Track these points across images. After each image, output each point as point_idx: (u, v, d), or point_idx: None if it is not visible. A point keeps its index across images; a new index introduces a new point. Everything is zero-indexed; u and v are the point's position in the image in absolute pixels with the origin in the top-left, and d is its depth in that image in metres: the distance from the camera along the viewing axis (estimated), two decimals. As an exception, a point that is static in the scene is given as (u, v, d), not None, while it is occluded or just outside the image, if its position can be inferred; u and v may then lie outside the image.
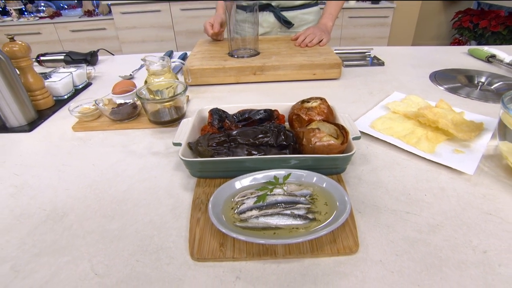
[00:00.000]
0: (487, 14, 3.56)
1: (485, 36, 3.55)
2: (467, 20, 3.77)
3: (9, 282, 0.38)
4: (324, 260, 0.38)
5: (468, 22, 3.76)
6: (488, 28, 3.45)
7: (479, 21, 3.59)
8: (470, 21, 3.74)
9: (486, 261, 0.37)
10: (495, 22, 3.37)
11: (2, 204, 0.50)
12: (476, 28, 3.64)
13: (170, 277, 0.37)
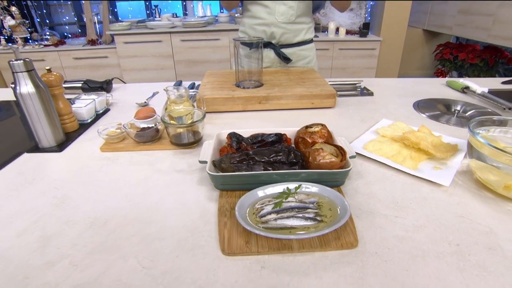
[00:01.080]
0: (465, 48, 3.84)
1: (465, 67, 3.80)
2: (448, 53, 4.05)
3: (70, 274, 0.45)
4: (331, 253, 0.47)
5: (448, 54, 4.04)
6: (466, 60, 3.71)
7: (458, 54, 3.87)
8: (450, 53, 4.01)
9: (459, 252, 0.46)
10: (472, 55, 3.64)
11: (50, 213, 0.58)
12: (456, 59, 3.90)
13: (207, 268, 0.45)
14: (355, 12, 3.44)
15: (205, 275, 0.44)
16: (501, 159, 0.56)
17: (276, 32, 1.25)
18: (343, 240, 0.48)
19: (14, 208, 0.60)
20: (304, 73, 1.23)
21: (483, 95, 1.13)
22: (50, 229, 0.54)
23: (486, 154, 0.59)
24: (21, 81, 0.76)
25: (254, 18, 1.26)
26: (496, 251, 0.47)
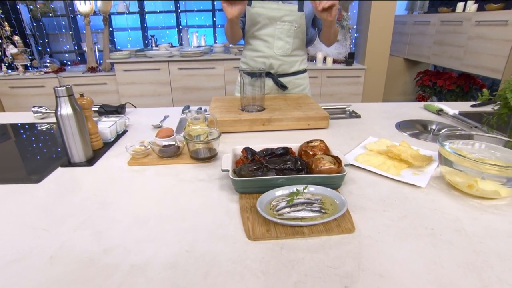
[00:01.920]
0: (442, 75, 4.15)
1: (443, 93, 4.09)
2: (427, 79, 4.35)
3: (126, 257, 0.56)
4: (334, 237, 0.59)
5: (428, 81, 4.34)
6: (444, 86, 4.01)
7: (437, 80, 4.17)
8: (430, 80, 4.32)
9: (433, 234, 0.60)
10: (449, 82, 3.94)
11: (95, 214, 0.69)
12: (435, 86, 4.20)
13: (238, 249, 0.57)
14: (341, 43, 3.72)
15: (237, 254, 0.56)
16: (464, 164, 0.71)
17: (274, 63, 1.42)
18: (343, 227, 0.60)
19: (64, 211, 0.70)
20: (300, 98, 1.39)
21: (454, 116, 1.30)
22: (100, 226, 0.65)
23: (453, 161, 0.73)
24: (62, 104, 0.88)
25: (255, 51, 1.43)
26: (460, 232, 0.60)
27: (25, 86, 3.53)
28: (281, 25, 1.35)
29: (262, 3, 1.32)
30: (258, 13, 1.34)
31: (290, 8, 1.33)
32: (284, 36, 1.37)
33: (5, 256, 0.56)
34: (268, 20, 1.34)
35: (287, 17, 1.34)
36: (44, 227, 0.64)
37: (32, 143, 1.14)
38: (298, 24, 1.36)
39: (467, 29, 3.40)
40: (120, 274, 0.52)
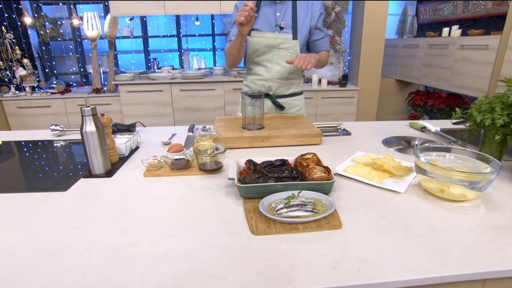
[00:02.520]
0: (432, 95, 4.34)
1: (434, 112, 4.27)
2: (418, 99, 4.54)
3: (150, 249, 0.67)
4: (324, 231, 0.71)
5: (419, 100, 4.53)
6: (434, 106, 4.19)
7: (427, 100, 4.36)
8: (421, 100, 4.50)
9: (407, 229, 0.71)
10: (439, 101, 4.12)
11: (119, 217, 0.80)
12: (426, 105, 4.38)
13: (244, 242, 0.68)
14: (335, 66, 3.92)
15: (243, 246, 0.67)
16: (436, 172, 0.83)
17: (272, 85, 1.56)
18: (332, 224, 0.72)
19: (90, 214, 0.81)
20: (296, 118, 1.53)
21: (436, 133, 1.44)
22: (124, 225, 0.76)
23: (427, 170, 0.86)
24: (87, 122, 1.01)
25: (256, 75, 1.58)
26: (431, 227, 0.72)
27: (32, 106, 3.67)
28: (278, 52, 1.51)
29: (261, 34, 1.48)
30: (257, 42, 1.49)
31: (286, 37, 1.49)
32: (281, 61, 1.52)
33: (48, 247, 0.67)
34: (267, 48, 1.50)
35: (283, 44, 1.49)
36: (77, 226, 0.75)
37: (53, 158, 1.26)
38: (293, 50, 1.51)
39: (453, 52, 3.61)
40: (147, 261, 0.63)
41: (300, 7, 1.49)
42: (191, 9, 3.40)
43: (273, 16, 1.49)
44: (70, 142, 1.45)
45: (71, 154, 1.32)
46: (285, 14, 1.49)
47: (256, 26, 1.49)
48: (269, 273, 0.59)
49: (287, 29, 1.49)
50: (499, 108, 0.99)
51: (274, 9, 1.49)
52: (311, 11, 1.50)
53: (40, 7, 4.09)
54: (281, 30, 1.49)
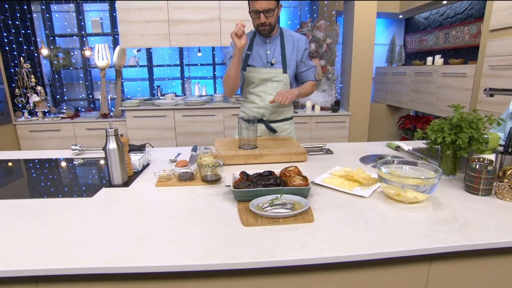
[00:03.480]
0: (421, 119, 4.59)
1: (422, 136, 4.48)
2: (408, 123, 4.79)
3: (164, 236, 0.86)
4: (300, 224, 0.90)
5: (409, 124, 4.78)
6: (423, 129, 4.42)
7: (416, 124, 4.60)
8: (410, 124, 4.75)
9: (366, 222, 0.91)
10: (427, 125, 4.35)
11: (138, 215, 1.00)
12: (415, 129, 4.62)
13: (237, 230, 0.87)
14: (327, 92, 4.19)
15: (236, 233, 0.86)
16: (392, 179, 1.04)
17: (265, 112, 1.80)
18: (306, 218, 0.92)
19: (114, 213, 1.01)
20: (285, 139, 1.75)
21: (408, 151, 1.66)
22: (143, 220, 0.96)
23: (386, 178, 1.06)
24: (110, 141, 1.22)
25: (251, 103, 1.82)
26: (385, 222, 0.92)
27: (43, 130, 3.91)
28: (271, 84, 1.75)
29: (255, 69, 1.74)
30: (252, 76, 1.74)
31: (277, 71, 1.74)
32: (273, 92, 1.76)
33: (85, 235, 0.87)
34: (261, 81, 1.75)
35: (275, 78, 1.74)
36: (105, 221, 0.95)
37: (76, 172, 1.47)
38: (284, 82, 1.76)
39: (436, 79, 3.90)
40: (163, 243, 0.82)
41: (287, 44, 1.76)
42: (194, 42, 3.72)
43: (264, 54, 1.75)
44: (88, 160, 1.66)
45: (91, 169, 1.53)
46: (274, 51, 1.75)
47: (250, 62, 1.74)
48: (255, 251, 0.78)
49: (277, 65, 1.74)
50: (447, 128, 1.21)
51: (265, 48, 1.76)
52: (297, 47, 1.76)
53: (54, 39, 4.43)
54: (272, 66, 1.75)
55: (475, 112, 1.26)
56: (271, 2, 1.60)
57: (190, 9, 3.59)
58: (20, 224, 0.95)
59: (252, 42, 1.77)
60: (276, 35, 1.77)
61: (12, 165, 1.61)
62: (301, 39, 1.79)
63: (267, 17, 1.63)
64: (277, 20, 1.73)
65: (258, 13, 1.62)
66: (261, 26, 1.67)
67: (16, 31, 4.13)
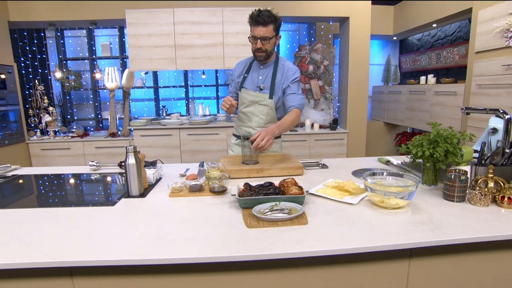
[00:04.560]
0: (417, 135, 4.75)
1: (419, 152, 4.63)
2: (405, 140, 4.95)
3: (179, 236, 1.01)
4: (296, 226, 1.05)
5: (405, 141, 4.93)
6: (419, 146, 4.56)
7: (413, 141, 4.74)
8: (407, 140, 4.91)
9: (352, 225, 1.06)
10: (422, 142, 4.51)
11: (156, 221, 1.15)
12: (410, 146, 4.76)
13: (242, 231, 1.02)
14: (326, 111, 4.39)
15: (241, 233, 1.01)
16: (377, 188, 1.20)
17: (252, 131, 1.95)
18: (301, 221, 1.07)
19: (135, 218, 1.17)
20: (284, 155, 1.91)
21: (397, 165, 1.81)
22: (160, 224, 1.11)
23: (371, 187, 1.22)
24: (129, 157, 1.39)
25: (241, 122, 2.02)
26: (368, 224, 1.07)
27: (54, 148, 4.10)
28: (258, 107, 1.94)
29: (247, 91, 1.94)
30: (244, 97, 1.94)
31: (264, 96, 1.91)
32: (260, 114, 1.94)
33: (110, 235, 1.02)
34: (250, 102, 1.94)
35: (262, 102, 1.92)
36: (127, 225, 1.11)
37: (95, 185, 1.63)
38: (269, 107, 1.93)
39: (429, 98, 4.09)
40: (179, 242, 0.97)
41: (279, 72, 1.92)
42: (199, 65, 3.95)
43: (257, 78, 1.94)
44: (105, 174, 1.82)
45: (109, 183, 1.69)
46: (266, 77, 1.93)
47: (245, 84, 1.95)
48: (257, 246, 0.93)
49: (266, 90, 1.92)
50: (426, 143, 1.37)
51: (258, 73, 1.95)
52: (286, 76, 1.91)
53: (66, 62, 4.69)
54: (261, 90, 1.93)
55: (451, 128, 1.43)
56: (268, 31, 1.78)
57: (195, 35, 3.85)
58: (54, 226, 1.11)
59: (250, 66, 1.98)
60: (271, 62, 1.94)
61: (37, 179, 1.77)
62: (291, 69, 1.92)
63: (263, 44, 1.81)
64: (274, 48, 1.91)
65: (256, 38, 1.80)
66: (257, 51, 1.85)
67: (33, 55, 4.39)
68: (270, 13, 1.77)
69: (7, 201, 1.42)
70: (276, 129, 1.74)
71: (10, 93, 3.89)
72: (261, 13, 1.75)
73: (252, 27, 1.81)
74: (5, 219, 1.19)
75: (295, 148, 4.09)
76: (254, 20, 1.77)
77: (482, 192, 1.21)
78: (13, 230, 1.08)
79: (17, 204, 1.39)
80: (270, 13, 1.77)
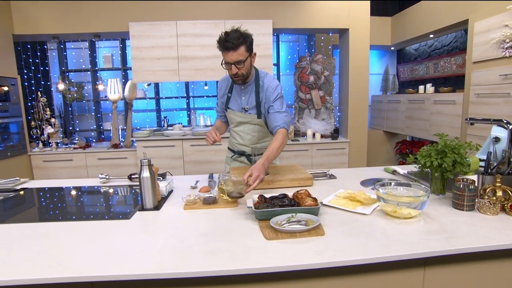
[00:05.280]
0: (416, 144, 4.81)
1: (419, 160, 4.67)
2: (405, 148, 4.99)
3: (200, 249, 1.03)
4: (313, 237, 1.08)
5: (405, 149, 4.98)
6: (418, 155, 4.62)
7: (413, 149, 4.81)
8: (407, 149, 4.96)
9: (368, 235, 1.09)
10: (422, 150, 4.56)
11: (175, 233, 1.17)
12: (412, 153, 4.81)
13: (261, 243, 1.05)
14: (327, 121, 4.44)
15: (262, 245, 1.04)
16: (389, 198, 1.23)
17: (246, 149, 1.97)
18: (318, 232, 1.10)
19: (153, 232, 1.19)
20: (293, 167, 1.94)
21: (403, 175, 1.85)
22: (180, 237, 1.13)
23: (383, 198, 1.25)
24: (144, 170, 1.41)
25: (234, 139, 2.02)
26: (383, 234, 1.10)
27: (56, 160, 4.09)
28: (248, 126, 1.92)
29: (233, 112, 1.91)
30: (232, 117, 1.93)
31: (252, 117, 1.88)
32: (251, 132, 1.93)
33: (133, 249, 1.04)
34: (238, 122, 1.93)
35: (251, 122, 1.90)
36: (147, 238, 1.12)
37: (107, 198, 1.64)
38: (260, 125, 1.91)
39: (429, 107, 4.15)
40: (201, 255, 0.99)
41: (261, 91, 1.82)
42: (201, 77, 4.00)
43: (240, 100, 1.88)
44: (115, 187, 1.84)
45: (120, 196, 1.71)
46: (249, 98, 1.86)
47: (229, 105, 1.93)
48: (279, 258, 0.96)
49: (252, 110, 1.87)
50: (434, 153, 1.41)
51: (240, 94, 1.88)
52: (266, 96, 1.81)
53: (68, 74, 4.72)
54: (246, 111, 1.88)
55: (457, 139, 1.47)
56: (240, 54, 1.64)
57: (198, 47, 3.90)
58: (74, 240, 1.12)
59: (233, 85, 1.89)
60: (251, 82, 1.84)
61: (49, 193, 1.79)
62: (270, 87, 1.80)
63: (238, 68, 1.67)
64: (251, 68, 1.78)
65: (230, 64, 1.67)
66: (234, 76, 1.74)
67: (35, 67, 4.43)
68: (238, 33, 1.63)
69: (23, 216, 1.43)
70: (266, 162, 1.59)
71: (13, 104, 3.90)
72: (228, 36, 1.61)
73: (222, 53, 1.67)
74: (25, 234, 1.20)
75: (297, 158, 4.12)
76: (222, 46, 1.64)
77: (491, 201, 1.25)
78: (34, 245, 1.10)
79: (33, 218, 1.40)
80: (239, 34, 1.63)
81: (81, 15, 3.90)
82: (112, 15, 3.92)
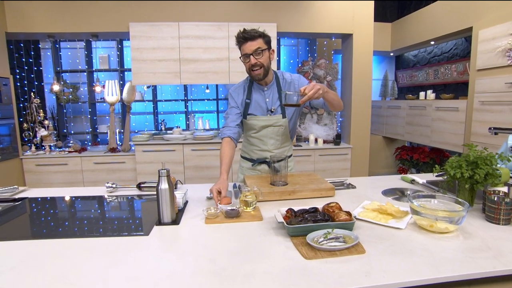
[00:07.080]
0: (417, 150, 4.81)
1: (419, 165, 4.69)
2: (405, 154, 4.99)
3: (236, 272, 0.96)
4: (355, 256, 1.01)
5: (405, 155, 4.98)
6: (419, 159, 4.63)
7: (413, 155, 4.81)
8: (407, 154, 4.95)
9: (410, 252, 1.03)
10: (423, 155, 4.57)
11: (198, 250, 1.09)
12: (412, 159, 4.82)
13: (303, 264, 0.98)
14: (329, 126, 4.41)
15: (303, 266, 0.97)
16: (425, 212, 1.17)
17: (268, 154, 1.88)
18: (358, 250, 1.03)
19: (179, 251, 1.10)
20: (310, 175, 1.87)
21: (423, 184, 1.81)
22: (210, 257, 1.05)
23: (419, 211, 1.20)
24: (162, 181, 1.33)
25: (254, 146, 1.93)
26: (425, 250, 1.04)
27: (50, 164, 3.94)
28: (272, 129, 1.86)
29: (256, 117, 1.85)
30: (254, 123, 1.86)
31: (277, 118, 1.84)
32: (275, 135, 1.88)
33: (160, 273, 0.95)
34: (261, 127, 1.86)
35: (276, 123, 1.85)
36: (173, 259, 1.04)
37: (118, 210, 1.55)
38: (284, 126, 1.87)
39: (430, 113, 4.16)
40: (240, 279, 0.92)
41: (286, 87, 1.83)
42: (203, 80, 3.92)
43: (264, 102, 1.84)
44: (125, 197, 1.74)
45: (133, 207, 1.62)
46: (273, 98, 1.83)
47: (250, 111, 1.85)
48: (325, 280, 0.89)
49: (277, 111, 1.85)
50: (464, 164, 1.37)
51: (263, 95, 1.84)
52: (297, 88, 1.77)
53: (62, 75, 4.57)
54: (272, 113, 1.85)
55: (486, 150, 1.43)
56: (259, 42, 1.66)
57: (200, 49, 3.82)
58: (92, 261, 1.03)
59: (250, 90, 1.85)
60: (272, 82, 1.85)
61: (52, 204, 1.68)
62: (295, 80, 1.84)
63: (257, 58, 1.68)
64: (270, 64, 1.76)
65: (248, 56, 1.68)
66: (253, 70, 1.72)
67: (29, 67, 4.26)
68: (256, 29, 1.69)
69: (27, 232, 1.32)
70: (326, 89, 1.54)
71: (5, 105, 3.73)
72: (246, 30, 1.67)
73: (241, 47, 1.70)
74: (32, 254, 1.10)
75: (300, 164, 4.06)
76: (241, 38, 1.67)
77: (528, 216, 1.21)
78: (46, 267, 1.00)
79: (39, 234, 1.30)
80: (256, 30, 1.69)
81: (78, 13, 3.78)
82: (111, 15, 3.80)
